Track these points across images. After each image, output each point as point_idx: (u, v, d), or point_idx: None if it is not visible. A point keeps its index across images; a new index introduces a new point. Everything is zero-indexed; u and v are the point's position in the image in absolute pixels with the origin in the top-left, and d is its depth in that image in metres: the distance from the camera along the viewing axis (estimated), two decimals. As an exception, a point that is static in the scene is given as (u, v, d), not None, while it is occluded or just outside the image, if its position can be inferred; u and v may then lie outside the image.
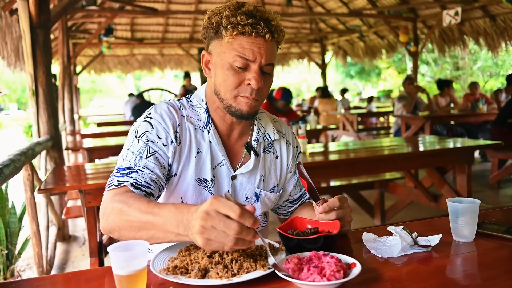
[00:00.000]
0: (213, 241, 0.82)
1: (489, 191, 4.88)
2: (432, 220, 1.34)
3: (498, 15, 7.25)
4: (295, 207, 1.39)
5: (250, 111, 1.15)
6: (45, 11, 3.37)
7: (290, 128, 1.40)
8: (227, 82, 1.12)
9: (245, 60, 1.09)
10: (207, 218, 0.82)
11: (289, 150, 1.34)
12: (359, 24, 9.87)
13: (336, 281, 0.81)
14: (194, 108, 1.23)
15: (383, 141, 3.83)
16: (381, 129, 9.35)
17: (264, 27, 1.08)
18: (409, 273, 0.91)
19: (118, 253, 0.83)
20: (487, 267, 0.94)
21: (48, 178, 2.39)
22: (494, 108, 6.55)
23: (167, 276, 0.88)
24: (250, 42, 1.09)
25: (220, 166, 1.21)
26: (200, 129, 1.20)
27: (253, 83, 1.10)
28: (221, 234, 0.81)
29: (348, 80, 25.11)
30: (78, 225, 4.23)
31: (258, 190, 1.26)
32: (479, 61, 17.36)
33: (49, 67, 3.47)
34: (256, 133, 1.27)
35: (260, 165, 1.27)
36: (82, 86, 19.19)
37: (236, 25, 1.07)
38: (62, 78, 6.76)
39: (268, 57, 1.11)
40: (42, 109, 3.45)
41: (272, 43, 1.12)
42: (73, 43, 9.22)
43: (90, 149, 4.07)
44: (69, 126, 7.33)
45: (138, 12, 7.69)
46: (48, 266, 3.01)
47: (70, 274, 1.00)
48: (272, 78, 1.18)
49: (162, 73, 13.50)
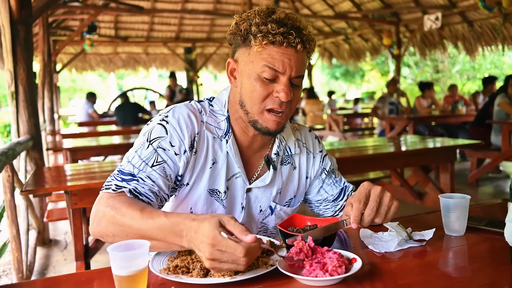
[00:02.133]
0: (224, 269, 0.82)
1: (469, 188, 5.01)
2: (424, 215, 1.38)
3: (476, 21, 7.53)
4: (344, 203, 1.29)
5: (278, 128, 1.10)
6: (27, 6, 3.25)
7: (312, 134, 1.33)
8: (254, 94, 1.06)
9: (275, 71, 1.04)
10: (214, 253, 0.80)
11: (309, 159, 1.28)
12: (344, 26, 10.00)
13: (338, 276, 0.82)
14: (215, 114, 1.17)
15: (369, 141, 3.89)
16: (366, 129, 9.50)
17: (295, 37, 1.02)
18: (406, 267, 0.94)
19: (118, 253, 0.81)
20: (476, 259, 0.99)
21: (30, 179, 2.30)
22: (472, 109, 6.80)
23: (168, 276, 0.86)
24: (281, 53, 1.03)
25: (236, 177, 1.17)
26: (218, 138, 1.15)
27: (282, 95, 1.04)
28: (232, 265, 0.81)
29: (333, 82, 25.35)
30: (59, 228, 4.08)
31: (273, 204, 1.22)
32: (458, 65, 17.82)
33: (30, 65, 3.35)
34: (277, 146, 1.21)
35: (277, 179, 1.22)
36: (62, 84, 18.75)
37: (266, 33, 1.01)
38: (42, 76, 6.54)
39: (298, 69, 1.05)
40: (22, 108, 3.32)
41: (303, 54, 1.06)
42: (53, 40, 8.97)
43: (73, 150, 3.95)
44: (49, 126, 7.13)
45: (122, 10, 7.55)
46: (28, 271, 2.88)
47: (64, 277, 0.96)
48: (301, 90, 1.12)
49: (147, 72, 13.33)
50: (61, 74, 10.73)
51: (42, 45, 6.51)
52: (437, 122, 6.49)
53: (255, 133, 1.15)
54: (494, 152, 4.96)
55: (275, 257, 0.94)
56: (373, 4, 8.51)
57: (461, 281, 0.86)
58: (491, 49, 7.68)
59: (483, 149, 5.08)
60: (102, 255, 2.96)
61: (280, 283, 0.85)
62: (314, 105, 8.93)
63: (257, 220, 1.23)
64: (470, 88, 16.79)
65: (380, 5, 8.34)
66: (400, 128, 6.00)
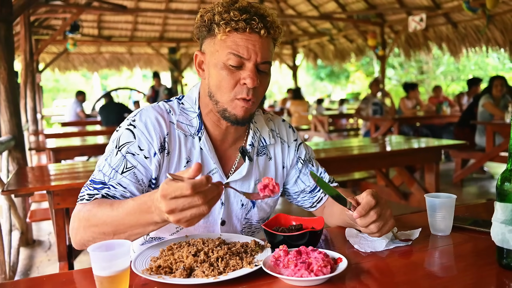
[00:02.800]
0: (190, 219, 0.82)
1: (454, 189, 5.06)
2: (409, 215, 1.38)
3: (460, 22, 7.61)
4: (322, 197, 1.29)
5: (245, 115, 1.09)
6: (7, 3, 3.22)
7: (285, 123, 1.33)
8: (222, 83, 1.06)
9: (240, 58, 1.04)
10: (168, 203, 0.81)
11: (284, 148, 1.27)
12: (329, 27, 10.05)
13: (323, 276, 0.82)
14: (186, 111, 1.16)
15: (355, 141, 3.91)
16: (351, 130, 9.56)
17: (258, 22, 1.02)
18: (392, 267, 0.93)
19: (99, 253, 0.80)
20: (462, 258, 0.99)
21: (12, 179, 2.28)
22: (456, 110, 6.89)
23: (150, 276, 0.85)
24: (245, 39, 1.03)
25: (212, 174, 1.15)
26: (191, 135, 1.14)
27: (248, 82, 1.04)
28: (193, 210, 0.81)
29: (318, 82, 25.46)
30: (43, 229, 4.05)
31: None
32: (442, 66, 18.08)
33: (11, 63, 3.32)
34: (252, 137, 1.21)
35: (254, 170, 1.21)
36: (45, 84, 18.48)
37: (229, 21, 1.02)
38: (24, 75, 6.45)
39: (263, 54, 1.05)
40: (3, 107, 3.29)
41: (268, 40, 1.06)
42: (36, 39, 8.84)
43: (56, 150, 3.92)
44: (32, 126, 7.03)
45: (106, 9, 7.48)
46: (11, 272, 2.86)
47: (45, 277, 0.94)
48: (269, 78, 1.12)
49: (131, 72, 13.20)
50: (44, 73, 10.57)
51: (24, 44, 6.41)
52: (421, 123, 6.56)
53: (228, 125, 1.15)
54: (478, 153, 5.03)
55: (260, 257, 0.93)
56: (357, 5, 8.57)
57: (447, 280, 0.86)
58: (475, 50, 7.76)
59: (468, 149, 5.15)
60: (86, 255, 2.94)
61: (265, 283, 0.84)
62: (299, 105, 8.97)
63: (240, 216, 1.21)
64: (455, 89, 17.04)
65: (365, 6, 8.40)
66: (385, 129, 6.06)
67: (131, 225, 0.93)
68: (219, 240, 1.00)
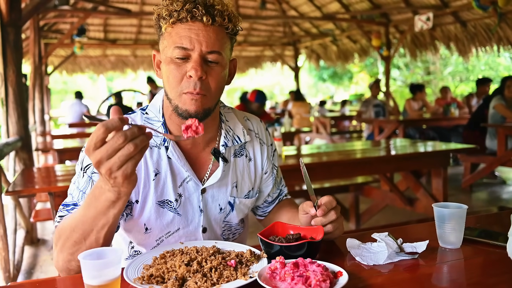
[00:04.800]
0: (121, 164, 0.78)
1: (462, 194, 4.95)
2: (416, 225, 1.32)
3: (469, 21, 7.44)
4: (273, 207, 1.33)
5: (198, 109, 1.01)
6: (16, 9, 3.32)
7: (263, 125, 1.29)
8: (170, 77, 1.01)
9: (183, 49, 0.98)
10: (94, 156, 0.79)
11: (263, 149, 1.24)
12: (332, 28, 9.98)
13: (321, 291, 0.78)
14: (150, 121, 1.11)
15: (358, 144, 3.86)
16: (354, 132, 9.48)
17: (201, 10, 0.97)
18: (396, 282, 0.88)
19: (89, 261, 0.78)
20: (473, 274, 0.92)
21: (17, 180, 2.30)
22: (465, 112, 6.74)
23: (142, 286, 0.82)
24: (187, 29, 0.98)
25: (187, 182, 1.11)
26: (156, 146, 1.09)
27: (192, 73, 0.97)
28: (119, 153, 0.78)
29: (320, 84, 25.31)
30: (47, 228, 4.10)
31: (231, 198, 1.17)
32: (450, 66, 17.82)
33: (19, 67, 3.42)
34: (224, 137, 1.15)
35: (231, 172, 1.16)
36: (54, 86, 18.64)
37: (172, 12, 0.98)
38: (33, 78, 6.63)
39: (209, 44, 0.98)
40: (11, 109, 3.40)
41: (214, 28, 0.99)
42: (45, 43, 9.00)
43: (60, 150, 3.99)
44: (40, 127, 7.14)
45: (111, 12, 7.60)
46: (15, 271, 2.92)
47: (38, 283, 0.94)
48: (222, 69, 1.03)
49: (135, 75, 13.27)
50: (52, 76, 10.67)
51: (33, 48, 6.61)
52: (428, 125, 6.42)
53: None
54: (489, 157, 4.83)
55: (255, 268, 0.90)
56: (361, 5, 8.47)
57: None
58: (486, 50, 7.55)
59: (478, 153, 4.93)
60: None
61: (260, 297, 0.81)
62: (301, 107, 8.91)
63: (219, 220, 1.18)
64: (463, 90, 16.79)
65: (369, 5, 8.30)
66: (389, 131, 5.92)
67: (94, 217, 0.89)
68: (214, 249, 0.97)
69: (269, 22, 10.81)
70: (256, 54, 13.05)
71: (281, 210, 1.30)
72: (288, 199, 1.36)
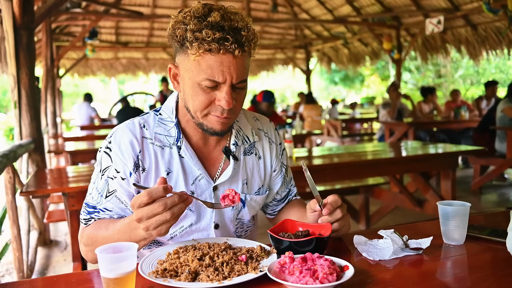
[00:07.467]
0: (156, 226, 0.90)
1: (472, 196, 4.94)
2: (422, 223, 1.34)
3: (480, 24, 7.43)
4: (283, 206, 1.36)
5: (224, 128, 1.09)
6: (29, 12, 3.33)
7: (273, 125, 1.34)
8: (196, 102, 1.05)
9: (215, 82, 1.01)
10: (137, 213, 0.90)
11: (272, 148, 1.28)
12: (344, 31, 9.98)
13: (328, 284, 0.80)
14: (164, 122, 1.15)
15: (368, 146, 3.87)
16: (365, 135, 9.44)
17: (232, 42, 0.97)
18: (401, 276, 0.91)
19: (106, 255, 0.82)
20: (476, 270, 0.95)
21: (31, 181, 2.35)
22: (475, 115, 6.70)
23: (156, 279, 0.86)
24: (219, 62, 0.99)
25: (199, 180, 1.15)
26: (169, 146, 1.14)
27: (223, 103, 1.03)
28: (157, 217, 0.89)
29: (332, 87, 25.26)
30: (60, 229, 4.15)
31: (242, 195, 1.22)
32: (461, 69, 17.70)
33: (32, 69, 3.43)
34: (235, 137, 1.20)
35: (241, 169, 1.21)
36: (65, 89, 18.87)
37: (202, 41, 0.97)
38: (45, 80, 6.65)
39: (239, 75, 1.02)
40: (24, 111, 3.40)
41: (242, 57, 1.01)
42: (56, 45, 9.06)
43: (72, 152, 4.02)
44: (52, 129, 7.20)
45: (123, 15, 7.65)
46: (29, 271, 2.95)
47: (55, 278, 0.97)
48: (245, 91, 1.10)
49: (146, 77, 13.37)
50: (64, 79, 10.77)
51: (45, 51, 6.63)
52: (439, 127, 6.41)
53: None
54: (498, 159, 4.86)
55: (265, 263, 0.93)
56: (373, 8, 8.48)
57: (459, 291, 0.83)
58: (496, 53, 7.55)
59: (487, 155, 4.99)
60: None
61: (269, 290, 0.84)
62: (312, 110, 8.90)
63: (232, 217, 1.22)
64: (474, 93, 16.64)
65: (380, 9, 8.31)
66: (400, 134, 5.92)
67: (125, 241, 0.97)
68: (225, 244, 1.00)
69: (280, 25, 10.84)
70: (268, 57, 13.07)
71: (290, 209, 1.33)
72: (298, 199, 1.39)
